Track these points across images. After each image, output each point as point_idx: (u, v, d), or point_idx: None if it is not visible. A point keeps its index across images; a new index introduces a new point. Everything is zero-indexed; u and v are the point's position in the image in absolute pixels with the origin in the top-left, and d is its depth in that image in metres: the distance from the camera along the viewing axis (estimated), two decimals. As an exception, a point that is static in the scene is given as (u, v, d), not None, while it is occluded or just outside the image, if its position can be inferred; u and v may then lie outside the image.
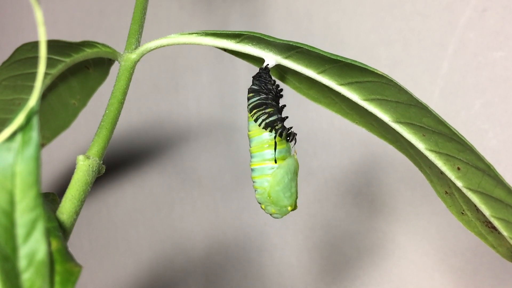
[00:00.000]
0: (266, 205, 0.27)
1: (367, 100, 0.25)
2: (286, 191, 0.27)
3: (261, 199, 0.27)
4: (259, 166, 0.27)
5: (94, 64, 0.34)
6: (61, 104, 0.36)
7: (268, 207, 0.27)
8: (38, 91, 0.18)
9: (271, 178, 0.27)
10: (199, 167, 0.56)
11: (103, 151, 0.27)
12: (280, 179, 0.27)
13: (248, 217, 0.53)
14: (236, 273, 0.55)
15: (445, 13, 0.40)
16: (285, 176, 0.27)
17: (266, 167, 0.27)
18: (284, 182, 0.27)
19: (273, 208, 0.27)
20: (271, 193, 0.27)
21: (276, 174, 0.27)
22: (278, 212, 0.27)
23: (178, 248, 0.59)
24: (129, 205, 0.62)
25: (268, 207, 0.27)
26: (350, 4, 0.45)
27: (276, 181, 0.27)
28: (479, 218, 0.26)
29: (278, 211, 0.27)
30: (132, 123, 0.60)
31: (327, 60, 0.25)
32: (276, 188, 0.27)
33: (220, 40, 0.27)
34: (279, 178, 0.27)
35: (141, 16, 0.31)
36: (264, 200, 0.27)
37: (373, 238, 0.46)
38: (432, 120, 0.24)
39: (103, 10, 0.60)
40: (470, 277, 0.42)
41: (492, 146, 0.40)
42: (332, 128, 0.47)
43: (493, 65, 0.39)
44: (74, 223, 0.24)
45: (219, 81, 0.53)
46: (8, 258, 0.18)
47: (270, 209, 0.27)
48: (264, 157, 0.27)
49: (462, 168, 0.24)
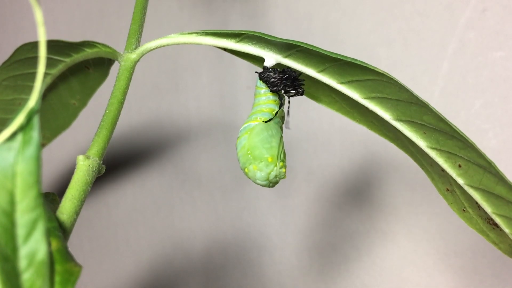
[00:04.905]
0: (247, 165, 0.26)
1: (368, 98, 0.25)
2: (264, 143, 0.26)
3: (242, 158, 0.27)
4: (245, 125, 0.27)
5: (94, 64, 0.34)
6: (61, 104, 0.37)
7: (250, 167, 0.26)
8: (38, 91, 0.18)
9: (250, 132, 0.27)
10: (199, 167, 0.56)
11: (103, 151, 0.27)
12: (259, 132, 0.26)
13: (248, 217, 0.53)
14: (236, 273, 0.55)
15: (445, 13, 0.40)
16: (264, 130, 0.26)
17: (249, 125, 0.27)
18: (262, 134, 0.26)
19: (254, 165, 0.26)
20: (250, 146, 0.26)
21: (254, 127, 0.27)
22: (261, 171, 0.26)
23: (178, 248, 0.59)
24: (129, 205, 0.62)
25: (250, 167, 0.26)
26: (350, 4, 0.45)
27: (254, 133, 0.26)
28: (480, 215, 0.26)
29: (260, 169, 0.26)
30: (132, 123, 0.60)
31: (327, 59, 0.25)
32: (254, 139, 0.26)
33: (220, 39, 0.27)
34: (257, 130, 0.26)
35: (141, 16, 0.31)
36: (245, 157, 0.26)
37: (373, 238, 0.46)
38: (433, 118, 0.24)
39: (103, 10, 0.60)
40: (470, 277, 0.42)
41: (492, 146, 0.40)
42: (332, 128, 0.47)
43: (493, 65, 0.39)
44: (74, 223, 0.24)
45: (219, 81, 0.53)
46: (8, 258, 0.18)
47: (252, 168, 0.26)
48: (251, 118, 0.27)
49: (463, 165, 0.24)
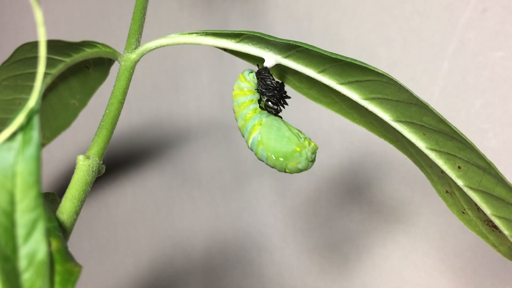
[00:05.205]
0: (285, 166, 0.26)
1: (368, 99, 0.25)
2: (281, 141, 0.26)
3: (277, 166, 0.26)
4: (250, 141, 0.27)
5: (94, 64, 0.34)
6: (61, 104, 0.37)
7: (289, 166, 0.26)
8: (38, 91, 0.18)
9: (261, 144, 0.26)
10: (199, 167, 0.56)
11: (103, 151, 0.27)
12: (267, 136, 0.26)
13: (248, 217, 0.53)
14: (236, 273, 0.55)
15: (445, 13, 0.40)
16: (269, 132, 0.26)
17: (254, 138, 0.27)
18: (271, 136, 0.26)
19: (291, 163, 0.26)
20: (273, 152, 0.26)
21: (260, 136, 0.26)
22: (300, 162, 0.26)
23: (178, 248, 0.59)
24: (129, 205, 0.62)
25: (289, 166, 0.26)
26: (350, 4, 0.45)
27: (266, 140, 0.26)
28: (480, 217, 0.26)
29: (298, 161, 0.26)
30: (132, 123, 0.60)
31: (327, 59, 0.25)
32: (271, 145, 0.26)
33: (220, 40, 0.27)
34: (265, 137, 0.26)
35: (141, 16, 0.31)
36: (278, 162, 0.26)
37: (373, 238, 0.46)
38: (433, 119, 0.24)
39: (103, 10, 0.60)
40: (470, 277, 0.42)
41: (492, 146, 0.40)
42: (332, 128, 0.47)
43: (493, 65, 0.39)
44: (74, 223, 0.24)
45: (219, 81, 0.53)
46: (8, 258, 0.18)
47: (291, 167, 0.26)
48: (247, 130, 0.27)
49: (463, 167, 0.24)
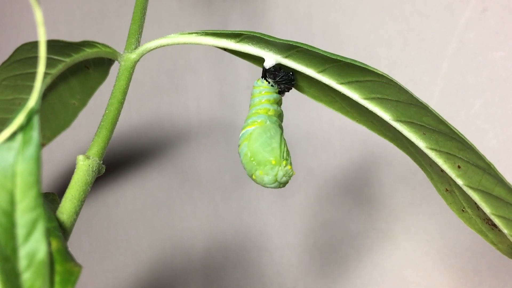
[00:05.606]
0: (254, 172, 0.27)
1: (367, 99, 0.25)
2: (265, 146, 0.27)
3: (247, 165, 0.27)
4: (243, 131, 0.28)
5: (94, 64, 0.34)
6: (61, 104, 0.37)
7: (256, 173, 0.27)
8: (38, 91, 0.18)
9: (249, 139, 0.27)
10: (199, 167, 0.56)
11: (103, 151, 0.27)
12: (257, 136, 0.27)
13: (248, 217, 0.53)
14: (236, 273, 0.55)
15: (445, 13, 0.40)
16: (262, 134, 0.27)
17: (247, 131, 0.27)
18: (261, 138, 0.27)
19: (260, 171, 0.26)
20: (251, 152, 0.27)
21: (252, 133, 0.27)
22: (268, 174, 0.26)
23: (178, 248, 0.59)
24: (129, 205, 0.62)
25: (256, 173, 0.27)
26: (350, 4, 0.45)
27: (254, 139, 0.27)
28: (479, 215, 0.26)
29: (266, 173, 0.26)
30: (132, 123, 0.60)
31: (327, 60, 0.25)
32: (255, 145, 0.27)
33: (220, 39, 0.27)
34: (256, 135, 0.27)
35: (141, 16, 0.31)
36: (250, 165, 0.27)
37: (373, 238, 0.46)
38: (432, 119, 0.24)
39: (103, 10, 0.60)
40: (470, 277, 0.42)
41: (492, 146, 0.40)
42: (332, 128, 0.47)
43: (493, 65, 0.39)
44: (74, 223, 0.24)
45: (219, 81, 0.53)
46: (8, 258, 0.18)
47: (258, 174, 0.27)
48: (247, 122, 0.28)
49: (463, 166, 0.24)
